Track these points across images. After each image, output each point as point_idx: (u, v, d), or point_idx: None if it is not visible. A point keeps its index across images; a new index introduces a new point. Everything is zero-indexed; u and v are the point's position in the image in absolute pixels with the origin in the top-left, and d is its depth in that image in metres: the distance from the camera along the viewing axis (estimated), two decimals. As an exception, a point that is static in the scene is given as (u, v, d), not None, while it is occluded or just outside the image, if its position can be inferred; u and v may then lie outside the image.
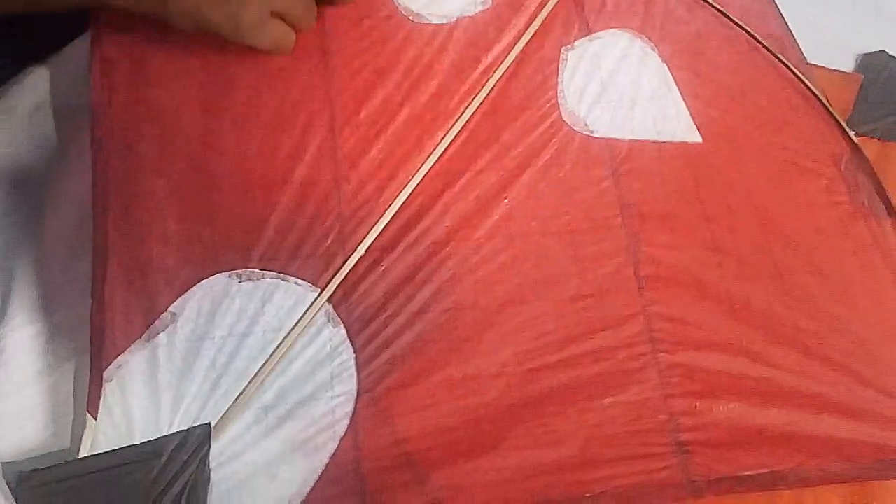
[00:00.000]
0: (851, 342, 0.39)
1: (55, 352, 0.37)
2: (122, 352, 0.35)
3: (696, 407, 0.36)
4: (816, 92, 0.44)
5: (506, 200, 0.40)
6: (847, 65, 0.48)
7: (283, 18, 0.40)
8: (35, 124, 0.42)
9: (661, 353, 0.37)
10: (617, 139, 0.42)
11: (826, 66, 0.47)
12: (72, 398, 0.37)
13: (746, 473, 0.35)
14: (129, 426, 0.34)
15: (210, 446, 0.34)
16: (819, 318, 0.39)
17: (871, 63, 0.48)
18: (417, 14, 0.44)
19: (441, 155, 0.40)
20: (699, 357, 0.37)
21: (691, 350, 0.37)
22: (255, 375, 0.35)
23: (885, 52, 0.48)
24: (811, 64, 0.47)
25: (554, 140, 0.42)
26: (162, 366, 0.35)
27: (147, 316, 0.36)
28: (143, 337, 0.36)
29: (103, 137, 0.39)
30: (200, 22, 0.38)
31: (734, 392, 0.37)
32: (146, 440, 0.34)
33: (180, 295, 0.37)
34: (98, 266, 0.37)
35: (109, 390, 0.35)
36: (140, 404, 0.35)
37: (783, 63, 0.45)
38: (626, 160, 0.42)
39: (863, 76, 0.47)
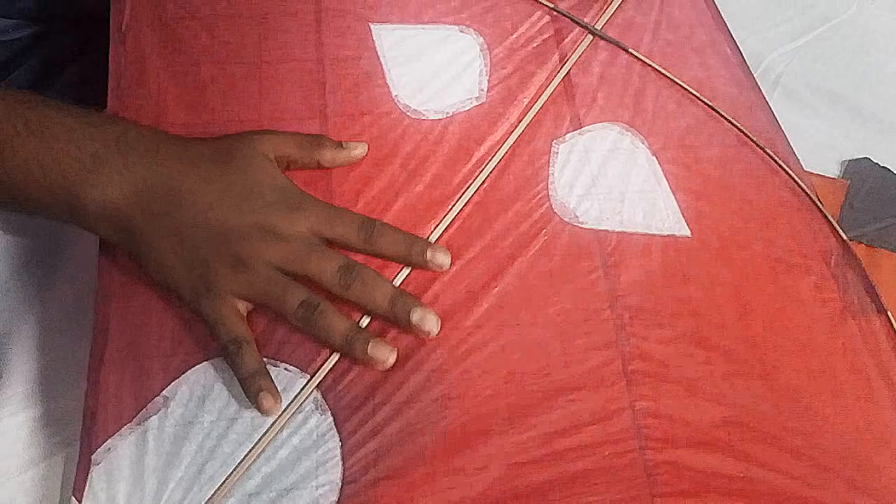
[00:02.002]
0: (841, 444, 0.38)
1: (46, 441, 0.38)
2: (113, 435, 0.36)
3: (682, 508, 0.36)
4: (805, 187, 0.45)
5: (496, 290, 0.41)
6: (832, 171, 0.50)
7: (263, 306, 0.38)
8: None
9: (649, 451, 0.37)
10: (606, 231, 0.43)
11: (812, 171, 0.48)
12: (59, 488, 0.37)
13: (734, 579, 0.34)
14: (113, 512, 0.34)
15: (192, 534, 0.34)
16: (807, 418, 0.38)
17: (856, 169, 0.49)
18: (416, 110, 0.45)
19: (434, 244, 0.41)
20: (686, 455, 0.37)
21: (679, 448, 0.37)
22: (241, 462, 0.36)
23: (868, 158, 0.49)
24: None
25: (544, 231, 0.42)
26: (150, 450, 0.36)
27: (140, 399, 0.37)
28: (134, 420, 0.36)
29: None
30: (170, 287, 0.38)
31: (721, 492, 0.36)
32: (129, 527, 0.34)
33: (174, 379, 0.37)
34: (96, 349, 0.38)
35: (96, 474, 0.35)
36: (125, 489, 0.35)
37: (772, 158, 0.46)
38: (615, 252, 0.42)
39: (848, 182, 0.48)
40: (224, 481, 0.35)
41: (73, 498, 0.34)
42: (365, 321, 0.39)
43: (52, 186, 0.37)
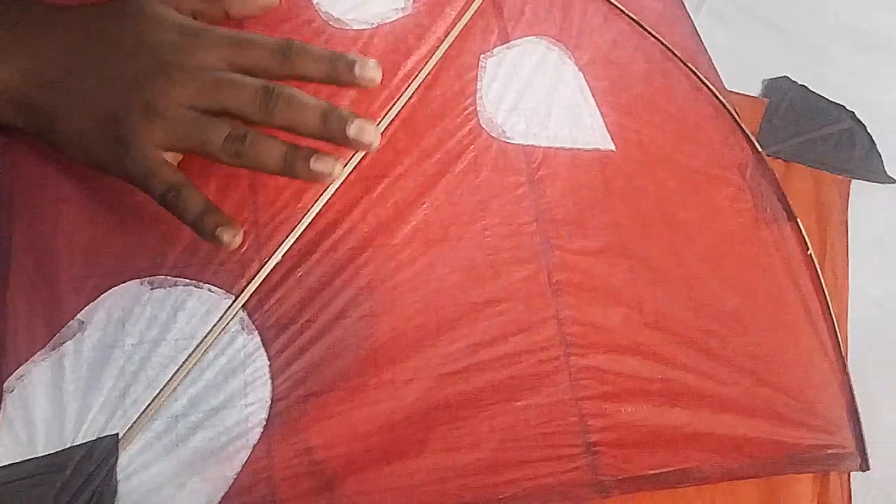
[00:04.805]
0: (752, 344, 0.40)
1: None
2: (25, 361, 0.34)
3: (604, 409, 0.37)
4: (724, 101, 0.46)
5: (424, 206, 0.40)
6: (755, 89, 0.51)
7: (191, 150, 0.35)
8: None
9: (573, 357, 0.38)
10: (533, 146, 0.43)
11: (735, 90, 0.49)
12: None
13: (651, 472, 0.37)
14: (31, 439, 0.33)
15: (117, 457, 0.33)
16: (723, 321, 0.41)
17: (775, 88, 0.51)
18: (338, 19, 0.43)
19: (360, 161, 0.40)
20: (609, 360, 0.38)
21: (601, 353, 0.38)
22: (167, 384, 0.35)
23: (787, 77, 0.51)
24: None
25: (472, 146, 0.42)
26: (68, 375, 0.35)
27: (52, 324, 0.35)
28: (47, 346, 0.35)
29: (10, 139, 0.38)
30: (88, 158, 0.35)
31: (641, 393, 0.38)
32: (49, 452, 0.33)
33: (89, 302, 0.36)
34: (0, 271, 0.36)
35: (10, 401, 0.34)
36: (43, 416, 0.34)
37: (694, 73, 0.47)
38: (542, 167, 0.42)
39: (768, 100, 0.50)
40: (149, 404, 0.34)
41: (-14, 427, 0.33)
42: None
43: None
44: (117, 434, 0.34)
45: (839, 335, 0.42)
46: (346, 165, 0.40)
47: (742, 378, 0.39)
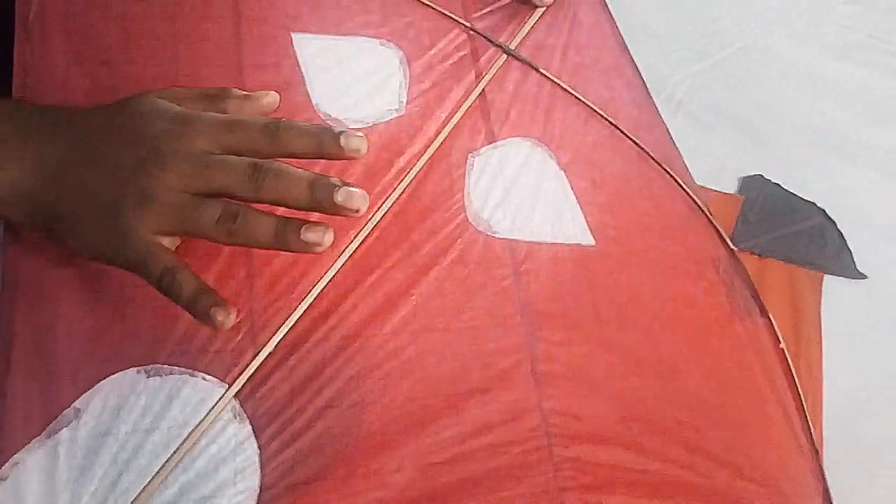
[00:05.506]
0: (729, 436, 0.42)
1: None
2: (21, 449, 0.35)
3: (587, 500, 0.38)
4: (697, 201, 0.49)
5: (413, 298, 0.42)
6: (730, 187, 0.53)
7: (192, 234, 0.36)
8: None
9: (556, 447, 0.39)
10: (517, 240, 0.45)
11: (712, 186, 0.52)
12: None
13: (633, 566, 0.37)
14: (21, 528, 0.34)
15: (105, 548, 0.34)
16: (699, 412, 0.42)
17: (750, 185, 0.53)
18: (335, 119, 0.46)
19: (353, 253, 0.42)
20: (590, 451, 0.39)
21: (584, 444, 0.40)
22: (157, 473, 0.36)
23: (761, 175, 0.53)
24: (699, 186, 0.52)
25: (459, 240, 0.44)
26: (61, 463, 0.35)
27: (49, 411, 0.36)
28: (43, 434, 0.36)
29: (16, 230, 0.40)
30: (91, 251, 0.36)
31: (623, 484, 0.39)
32: (37, 545, 0.33)
33: (86, 390, 0.37)
34: (1, 354, 0.37)
35: (3, 490, 0.34)
36: (35, 504, 0.34)
37: (668, 174, 0.50)
38: (526, 261, 0.45)
39: (743, 197, 0.52)
40: (139, 493, 0.35)
41: (-23, 517, 0.34)
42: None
43: None
44: (106, 524, 0.34)
45: (812, 428, 0.44)
46: (341, 255, 0.42)
47: (720, 470, 0.40)
